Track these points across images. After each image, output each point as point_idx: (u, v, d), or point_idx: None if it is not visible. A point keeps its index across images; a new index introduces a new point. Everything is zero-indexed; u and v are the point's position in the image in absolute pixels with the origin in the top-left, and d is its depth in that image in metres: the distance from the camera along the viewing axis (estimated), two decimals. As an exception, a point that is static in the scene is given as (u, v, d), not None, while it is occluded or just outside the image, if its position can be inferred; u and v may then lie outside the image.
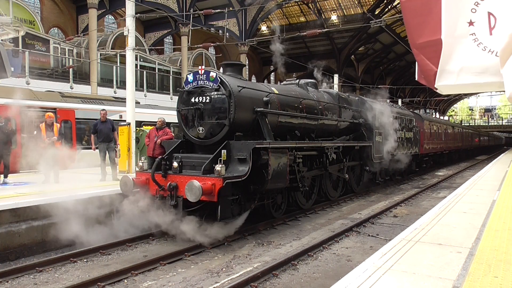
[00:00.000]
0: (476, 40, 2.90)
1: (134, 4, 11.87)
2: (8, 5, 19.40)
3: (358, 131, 12.59)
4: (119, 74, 22.69)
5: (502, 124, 74.65)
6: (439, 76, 3.08)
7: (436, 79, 3.09)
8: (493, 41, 2.83)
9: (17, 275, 5.50)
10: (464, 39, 2.95)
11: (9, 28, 9.52)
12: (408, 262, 4.08)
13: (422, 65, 3.21)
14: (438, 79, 3.09)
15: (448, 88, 3.22)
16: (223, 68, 8.81)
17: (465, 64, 2.95)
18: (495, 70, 2.78)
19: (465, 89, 3.55)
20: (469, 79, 2.96)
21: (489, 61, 2.84)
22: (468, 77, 2.96)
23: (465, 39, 2.94)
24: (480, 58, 2.89)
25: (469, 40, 2.93)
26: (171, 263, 6.05)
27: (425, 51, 3.16)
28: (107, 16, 30.25)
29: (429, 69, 3.13)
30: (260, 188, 7.47)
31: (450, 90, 3.33)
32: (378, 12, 33.04)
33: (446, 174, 21.13)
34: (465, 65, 2.95)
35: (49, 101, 13.36)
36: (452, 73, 3.02)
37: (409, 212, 10.17)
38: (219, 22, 28.11)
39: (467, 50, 2.94)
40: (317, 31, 13.73)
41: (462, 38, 2.95)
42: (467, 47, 2.94)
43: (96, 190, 8.11)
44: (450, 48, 2.99)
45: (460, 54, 2.97)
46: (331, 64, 40.15)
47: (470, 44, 2.93)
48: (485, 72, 2.88)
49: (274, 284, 5.26)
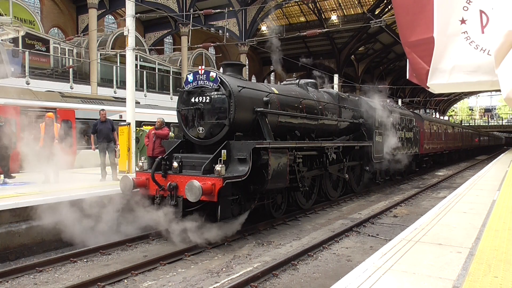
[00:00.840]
0: (468, 38, 2.88)
1: (134, 4, 11.87)
2: (8, 5, 19.40)
3: (358, 131, 12.59)
4: (119, 74, 22.68)
5: (502, 124, 74.65)
6: (431, 75, 3.06)
7: (428, 77, 3.07)
8: (485, 40, 2.81)
9: (17, 275, 5.50)
10: (456, 37, 2.92)
11: (9, 28, 9.52)
12: (408, 262, 4.08)
13: (414, 63, 3.19)
14: (430, 77, 3.07)
15: (440, 87, 3.19)
16: (223, 68, 8.81)
17: (457, 63, 2.93)
18: (487, 69, 2.77)
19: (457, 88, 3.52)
20: (461, 77, 2.95)
21: (481, 59, 2.82)
22: (460, 75, 2.94)
23: (457, 37, 2.92)
24: (472, 57, 2.87)
25: (461, 38, 2.91)
26: (171, 263, 6.05)
27: (417, 50, 3.13)
28: (107, 16, 30.25)
29: (421, 68, 3.11)
30: (260, 188, 7.46)
31: (442, 89, 3.31)
32: (378, 12, 33.04)
33: (446, 174, 21.13)
34: (457, 63, 2.93)
35: (49, 101, 13.36)
36: (444, 71, 3.00)
37: (409, 212, 10.17)
38: (219, 22, 28.11)
39: (459, 49, 2.92)
40: (317, 31, 13.71)
41: (454, 36, 2.93)
42: (459, 45, 2.92)
43: (96, 190, 8.10)
44: (442, 46, 2.96)
45: (452, 53, 2.95)
46: (331, 64, 40.17)
47: (462, 42, 2.91)
48: (477, 71, 2.86)
49: (274, 284, 5.26)
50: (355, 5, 35.56)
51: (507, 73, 2.30)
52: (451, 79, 2.98)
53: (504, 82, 2.34)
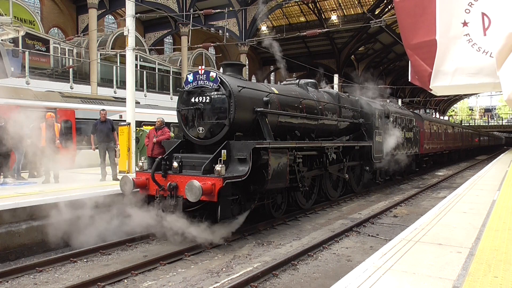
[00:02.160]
0: (471, 40, 2.89)
1: (134, 4, 11.87)
2: (8, 5, 19.40)
3: (358, 131, 12.59)
4: (119, 74, 22.68)
5: (502, 124, 74.62)
6: (434, 77, 3.06)
7: (431, 80, 3.07)
8: (487, 42, 2.81)
9: (17, 275, 5.50)
10: (459, 40, 2.93)
11: (9, 28, 9.51)
12: (408, 262, 4.08)
13: (416, 65, 3.19)
14: (433, 80, 3.07)
15: (443, 89, 3.19)
16: (223, 68, 8.81)
17: (460, 65, 2.93)
18: (490, 71, 2.77)
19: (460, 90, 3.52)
20: (463, 80, 2.95)
21: (484, 61, 2.83)
22: (463, 78, 2.94)
23: (460, 39, 2.93)
24: (475, 59, 2.87)
25: (464, 40, 2.92)
26: (171, 263, 6.05)
27: (419, 52, 3.14)
28: (107, 16, 30.26)
29: (423, 70, 3.11)
30: (260, 188, 7.46)
31: (445, 91, 3.31)
32: (378, 12, 33.04)
33: (446, 174, 21.13)
34: (460, 65, 2.93)
35: (49, 101, 13.36)
36: (447, 74, 3.00)
37: (409, 212, 10.17)
38: (219, 22, 28.12)
39: (462, 51, 2.92)
40: (317, 31, 13.71)
41: (456, 38, 2.93)
42: (461, 47, 2.92)
43: (96, 190, 8.10)
44: (444, 48, 2.96)
45: (455, 55, 2.95)
46: (331, 64, 40.17)
47: (465, 44, 2.91)
48: (479, 73, 2.86)
49: (274, 284, 5.26)
50: (355, 5, 35.55)
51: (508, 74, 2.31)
52: (453, 81, 2.98)
53: (505, 83, 2.34)
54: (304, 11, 36.93)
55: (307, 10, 36.35)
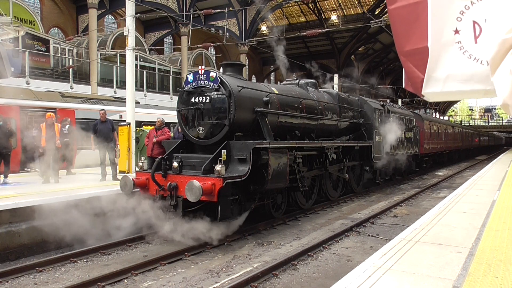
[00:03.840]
0: (462, 48, 2.94)
1: (134, 4, 11.87)
2: (8, 5, 19.40)
3: (358, 131, 12.59)
4: (119, 74, 22.69)
5: (502, 124, 74.64)
6: (426, 83, 3.10)
7: (423, 86, 3.12)
8: (478, 49, 2.87)
9: (17, 275, 5.50)
10: (450, 47, 2.98)
11: (9, 28, 9.52)
12: (408, 262, 4.09)
13: (409, 72, 3.23)
14: (425, 86, 3.11)
15: (434, 96, 3.24)
16: (223, 68, 8.81)
17: (451, 72, 2.98)
18: (481, 78, 2.82)
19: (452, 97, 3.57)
20: (455, 86, 2.99)
21: (475, 68, 2.88)
22: (454, 84, 2.99)
23: (451, 47, 2.98)
24: (466, 66, 2.92)
25: (455, 48, 2.96)
26: (171, 263, 6.05)
27: (412, 59, 3.18)
28: (107, 16, 30.26)
29: (416, 76, 3.15)
30: (260, 188, 7.46)
31: (436, 97, 3.35)
32: (378, 12, 33.04)
33: (446, 174, 21.13)
34: (451, 72, 2.98)
35: (49, 101, 13.36)
36: (439, 80, 3.05)
37: (409, 212, 10.17)
38: (219, 22, 28.13)
39: (453, 58, 2.97)
40: (317, 31, 13.70)
41: (448, 46, 2.98)
42: (453, 55, 2.97)
43: (96, 190, 8.10)
44: (436, 55, 3.02)
45: (446, 62, 3.00)
46: (331, 64, 40.17)
47: (456, 52, 2.96)
48: (470, 80, 2.91)
49: (274, 284, 5.26)
50: (355, 5, 35.57)
51: (502, 80, 2.34)
52: (445, 88, 3.03)
53: (499, 88, 2.37)
54: (304, 11, 36.95)
55: (307, 10, 36.37)
